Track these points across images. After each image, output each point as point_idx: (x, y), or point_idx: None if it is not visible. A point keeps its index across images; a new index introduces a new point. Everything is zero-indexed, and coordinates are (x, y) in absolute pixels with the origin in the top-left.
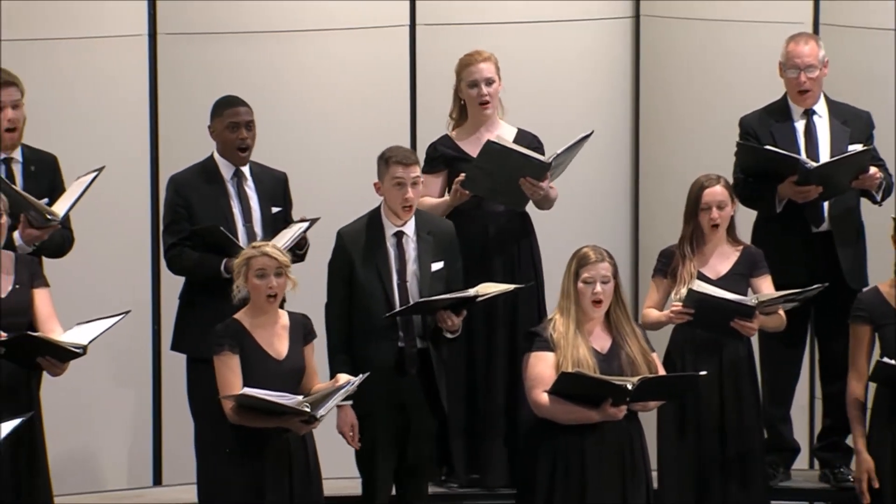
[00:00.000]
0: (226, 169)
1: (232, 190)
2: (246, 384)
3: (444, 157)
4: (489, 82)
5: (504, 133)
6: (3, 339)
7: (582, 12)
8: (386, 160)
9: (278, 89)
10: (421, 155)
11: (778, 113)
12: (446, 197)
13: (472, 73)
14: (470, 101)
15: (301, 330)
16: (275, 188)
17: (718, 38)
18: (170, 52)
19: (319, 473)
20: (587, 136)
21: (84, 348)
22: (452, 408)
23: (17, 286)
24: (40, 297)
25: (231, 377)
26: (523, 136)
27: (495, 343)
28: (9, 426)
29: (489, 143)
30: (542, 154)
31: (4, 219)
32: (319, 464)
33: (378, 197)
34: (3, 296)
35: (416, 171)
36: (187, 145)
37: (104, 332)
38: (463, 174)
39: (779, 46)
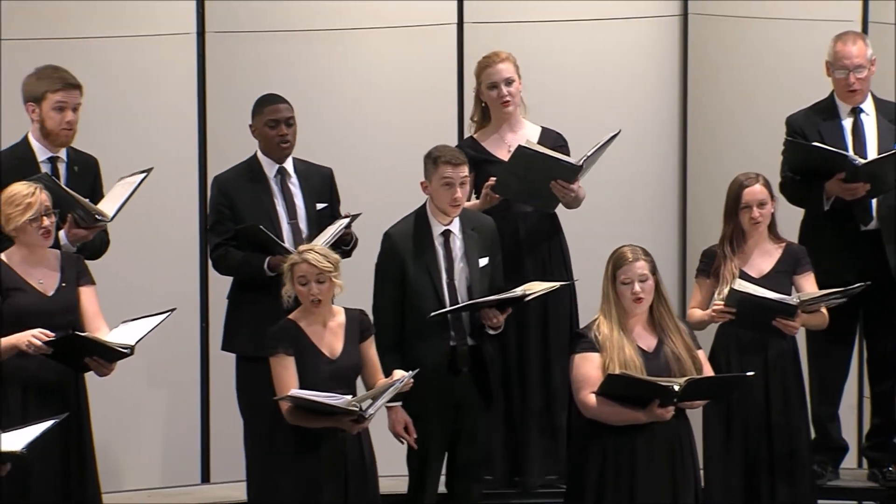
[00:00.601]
0: (269, 167)
1: (275, 188)
2: (301, 383)
3: (469, 160)
4: (509, 82)
5: (528, 132)
6: (50, 338)
7: (630, 11)
8: (434, 160)
9: (325, 88)
10: None
11: (825, 111)
12: (476, 200)
13: (492, 74)
14: (491, 103)
15: (357, 326)
16: (320, 184)
17: (767, 36)
18: (218, 51)
19: (375, 472)
20: (615, 136)
21: (132, 348)
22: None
23: (64, 284)
24: (86, 295)
25: (287, 377)
26: (548, 135)
27: (528, 343)
28: (41, 427)
29: (520, 147)
30: (567, 150)
31: (53, 218)
32: (375, 462)
33: (422, 195)
34: (49, 294)
35: (465, 170)
36: (235, 144)
37: (151, 330)
38: (493, 178)
39: (828, 44)
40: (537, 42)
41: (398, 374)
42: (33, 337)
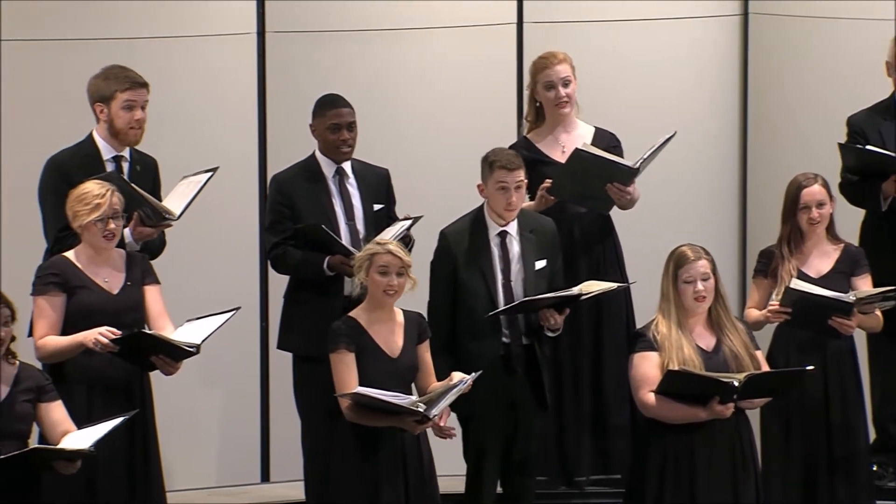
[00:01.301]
0: (327, 167)
1: (333, 188)
2: (361, 381)
3: (523, 160)
4: (566, 83)
5: (582, 132)
6: (116, 336)
7: (690, 10)
8: (490, 164)
9: (385, 87)
10: None
11: (886, 111)
12: (530, 202)
13: (549, 74)
14: (547, 103)
15: (416, 328)
16: (377, 185)
17: (829, 35)
18: (278, 51)
19: (434, 472)
20: (670, 138)
21: (197, 347)
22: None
23: (129, 283)
24: (151, 294)
25: (347, 375)
26: (601, 136)
27: (581, 343)
28: (109, 425)
29: (577, 150)
30: (620, 151)
31: (119, 223)
32: (434, 463)
33: (479, 197)
34: (114, 293)
35: (521, 175)
36: (295, 144)
37: (216, 329)
38: (549, 180)
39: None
40: (597, 42)
41: (457, 376)
42: (100, 335)
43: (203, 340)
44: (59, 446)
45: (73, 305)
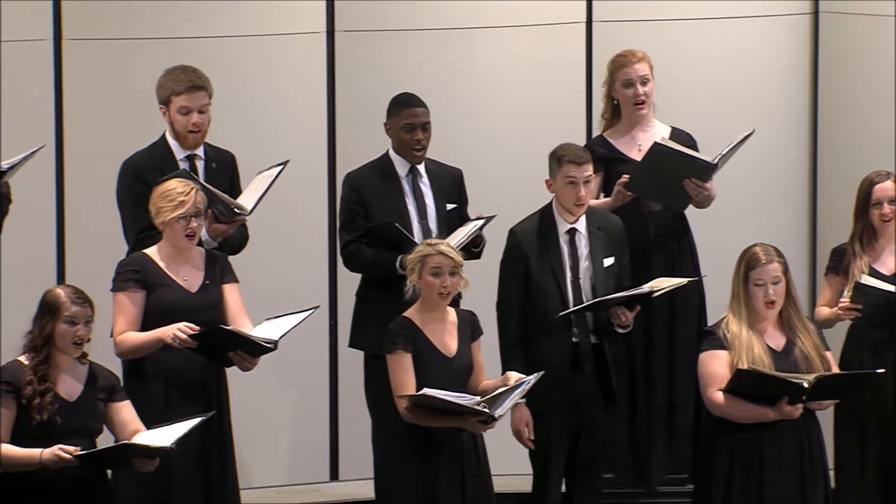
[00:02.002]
0: (401, 166)
1: (407, 187)
2: (419, 380)
3: (600, 158)
4: (644, 81)
5: (658, 131)
6: (195, 331)
7: (760, 9)
8: (559, 158)
9: (453, 86)
10: None
11: None
12: (606, 199)
13: (628, 73)
14: (625, 101)
15: (469, 327)
16: (450, 185)
17: None
18: (347, 50)
19: (489, 471)
20: (749, 136)
21: (275, 343)
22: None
23: (208, 281)
24: (230, 292)
25: (404, 376)
26: (678, 135)
27: (655, 341)
28: (189, 424)
29: (656, 144)
30: (696, 150)
31: (201, 222)
32: (488, 462)
33: (550, 195)
34: (193, 291)
35: (589, 169)
36: (364, 143)
37: (294, 327)
38: (625, 176)
39: None
40: (665, 41)
41: (513, 376)
42: (179, 330)
43: (281, 337)
44: (143, 443)
45: (153, 302)
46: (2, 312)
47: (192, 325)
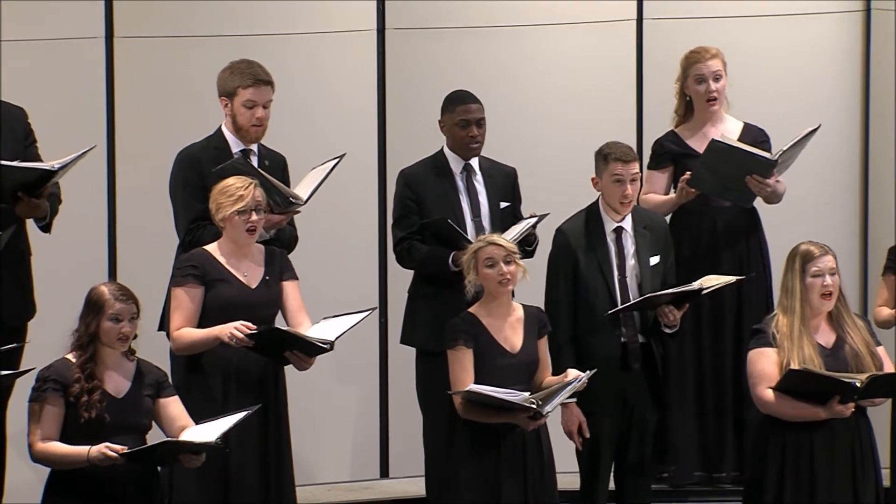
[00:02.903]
0: (455, 163)
1: (461, 184)
2: (480, 377)
3: (670, 154)
4: (717, 78)
5: (730, 127)
6: (252, 331)
7: (811, 7)
8: (605, 156)
9: (504, 84)
10: (646, 151)
11: None
12: (672, 195)
13: (700, 69)
14: (697, 97)
15: (536, 323)
16: (504, 183)
17: None
18: (398, 48)
19: (554, 469)
20: (814, 131)
21: (331, 344)
22: (680, 403)
23: (267, 278)
24: (290, 289)
25: (462, 372)
26: (749, 131)
27: (722, 339)
28: (234, 418)
29: (714, 141)
30: (769, 147)
31: (261, 216)
32: (553, 458)
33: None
34: (253, 287)
35: (635, 167)
36: (414, 141)
37: (351, 328)
38: (688, 172)
39: None
40: (716, 38)
41: (572, 373)
42: (235, 329)
43: (337, 338)
44: (185, 439)
45: (211, 298)
46: (53, 312)
47: (249, 325)
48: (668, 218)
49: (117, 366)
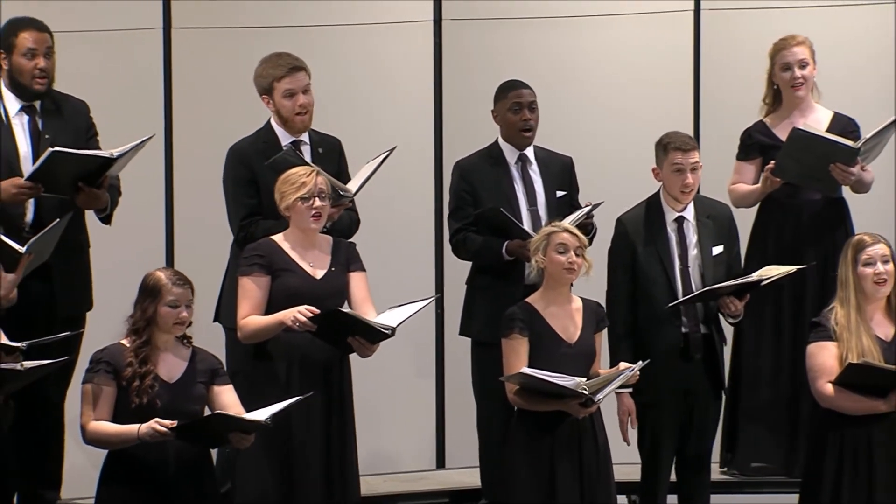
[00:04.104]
0: (510, 153)
1: (516, 174)
2: (536, 365)
3: (758, 144)
4: (803, 65)
5: (819, 117)
6: (315, 314)
7: None
8: (664, 146)
9: (561, 75)
10: (707, 141)
11: None
12: (756, 185)
13: (786, 56)
14: (784, 85)
15: (594, 316)
16: (560, 172)
17: None
18: (454, 38)
19: (609, 457)
20: None
21: (393, 330)
22: (739, 395)
23: (333, 269)
24: (356, 280)
25: (516, 361)
26: (838, 120)
27: (784, 331)
28: (283, 404)
29: (795, 129)
30: (858, 136)
31: (325, 203)
32: (609, 448)
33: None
34: (318, 277)
35: (695, 156)
36: (471, 132)
37: (412, 315)
38: (772, 162)
39: None
40: (778, 27)
41: (623, 365)
42: (298, 313)
43: (399, 324)
44: (239, 416)
45: (277, 288)
46: (111, 303)
47: (312, 308)
48: (756, 208)
49: (172, 351)
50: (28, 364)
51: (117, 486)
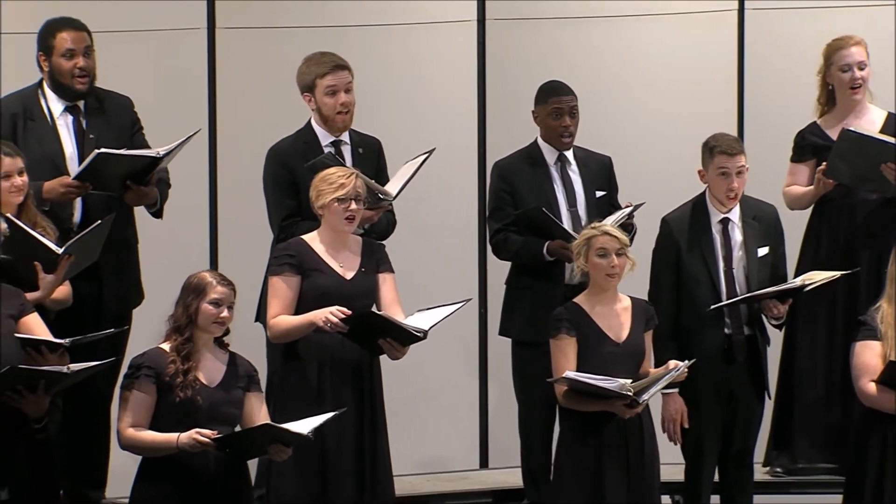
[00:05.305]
0: (549, 154)
1: (556, 174)
2: (584, 365)
3: (811, 146)
4: (861, 66)
5: (873, 118)
6: (347, 315)
7: None
8: (711, 149)
9: (603, 74)
10: (751, 142)
11: None
12: (810, 187)
13: (845, 56)
14: (840, 86)
15: (643, 315)
16: (599, 172)
17: None
18: (498, 38)
19: (656, 459)
20: None
21: (425, 333)
22: (789, 394)
23: (363, 270)
24: (385, 282)
25: (563, 361)
26: (893, 121)
27: (837, 331)
28: (321, 418)
29: (844, 131)
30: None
31: (361, 206)
32: (657, 448)
33: (701, 184)
34: (348, 278)
35: (742, 160)
36: (514, 131)
37: (444, 318)
38: (824, 163)
39: None
40: (823, 26)
41: (672, 363)
42: (331, 314)
43: (431, 327)
44: (282, 427)
45: (307, 288)
46: (157, 301)
47: (344, 309)
48: (809, 210)
49: (211, 354)
50: (75, 367)
51: (154, 484)
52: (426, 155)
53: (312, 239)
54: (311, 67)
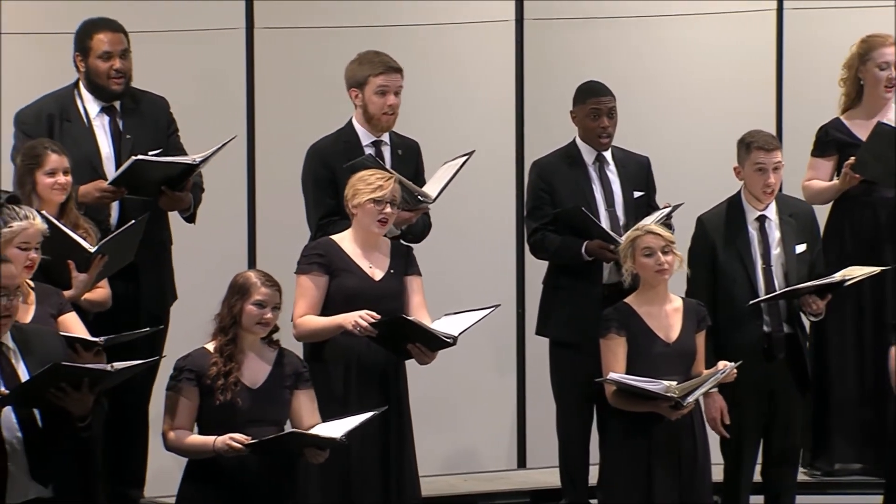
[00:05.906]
0: (587, 153)
1: (594, 174)
2: (634, 365)
3: (834, 142)
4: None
5: (893, 116)
6: (377, 320)
7: None
8: (747, 145)
9: (642, 75)
10: (790, 141)
11: None
12: (835, 181)
13: (885, 54)
14: (874, 83)
15: (695, 315)
16: (637, 172)
17: None
18: (536, 38)
19: (708, 459)
20: None
21: (455, 339)
22: (820, 394)
23: (392, 271)
24: (413, 285)
25: (612, 361)
26: None
27: (865, 330)
28: (361, 417)
29: (879, 125)
30: None
31: (395, 210)
32: (709, 449)
33: (739, 184)
34: (377, 279)
35: (778, 156)
36: (552, 131)
37: (474, 324)
38: (853, 157)
39: None
40: (859, 27)
41: (722, 364)
42: (360, 318)
43: (461, 333)
44: (313, 433)
45: (336, 288)
46: (194, 301)
47: (374, 314)
48: (829, 205)
49: (258, 354)
50: (118, 365)
51: (196, 486)
52: (466, 157)
53: (342, 239)
54: (364, 65)
